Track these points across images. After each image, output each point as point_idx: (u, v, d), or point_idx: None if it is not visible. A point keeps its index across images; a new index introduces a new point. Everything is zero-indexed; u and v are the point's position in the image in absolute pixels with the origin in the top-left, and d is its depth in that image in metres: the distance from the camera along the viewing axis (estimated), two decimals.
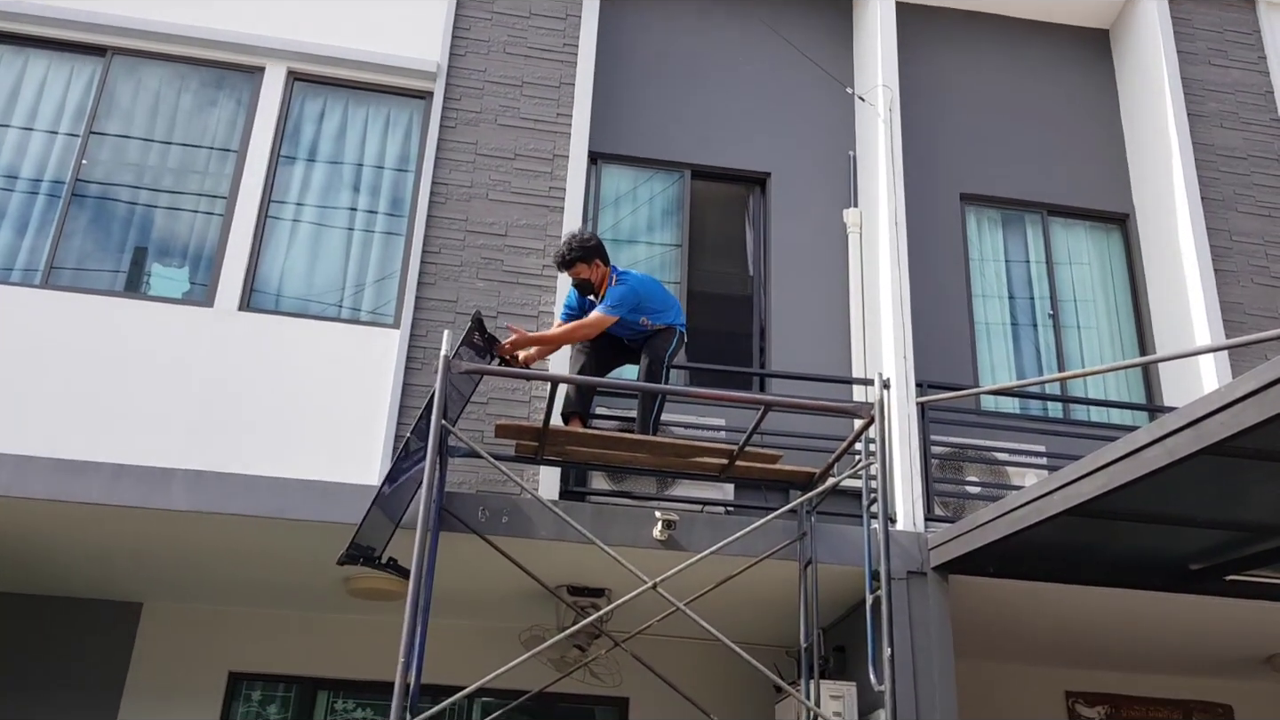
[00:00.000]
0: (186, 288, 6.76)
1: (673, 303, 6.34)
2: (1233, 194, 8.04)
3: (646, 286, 6.23)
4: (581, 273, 6.17)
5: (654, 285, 6.32)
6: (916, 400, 6.62)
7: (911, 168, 7.78)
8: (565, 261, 6.17)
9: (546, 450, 5.85)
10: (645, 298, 6.17)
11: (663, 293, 6.33)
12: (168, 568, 6.26)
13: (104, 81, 7.06)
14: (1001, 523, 5.29)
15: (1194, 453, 4.08)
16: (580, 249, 6.15)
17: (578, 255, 6.15)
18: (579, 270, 6.17)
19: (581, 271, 6.17)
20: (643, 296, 6.15)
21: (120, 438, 5.99)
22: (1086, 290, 8.20)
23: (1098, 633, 6.80)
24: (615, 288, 6.10)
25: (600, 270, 6.21)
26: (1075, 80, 8.74)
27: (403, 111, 7.32)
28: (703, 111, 8.06)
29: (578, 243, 6.18)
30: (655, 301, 6.23)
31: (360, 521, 5.17)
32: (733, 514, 6.50)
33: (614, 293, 6.08)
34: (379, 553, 5.40)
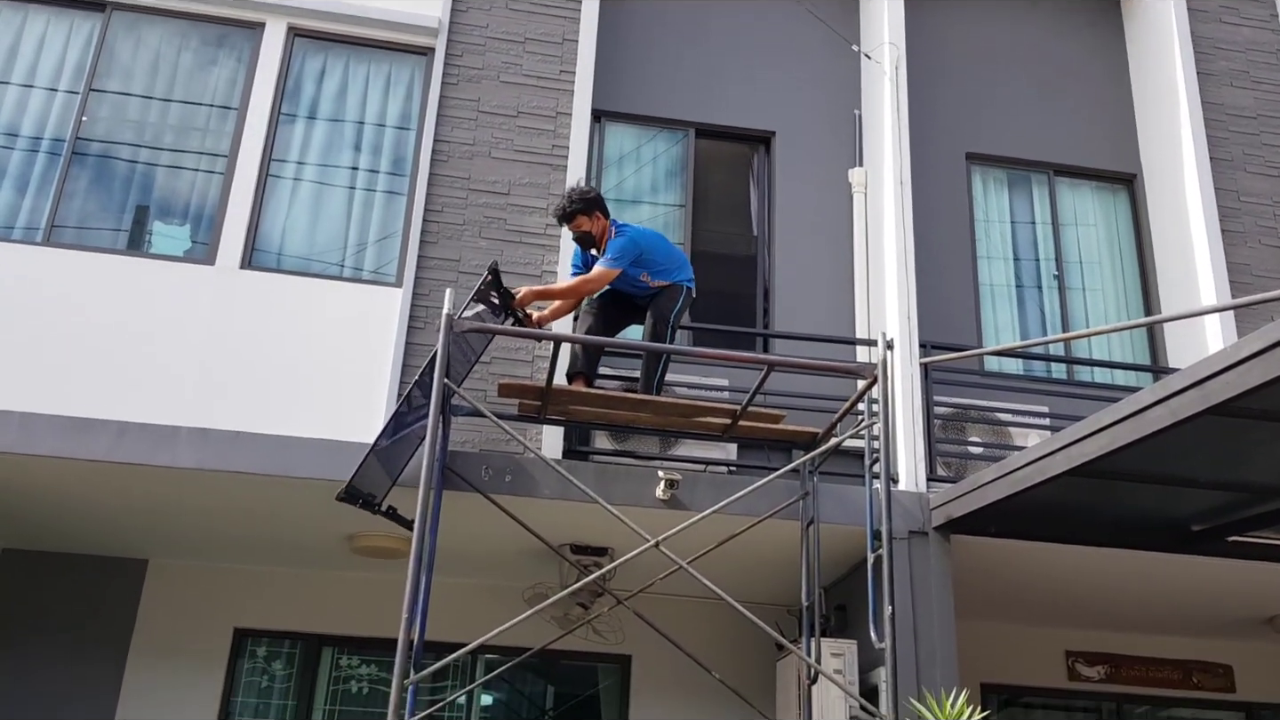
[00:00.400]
0: (188, 246, 6.74)
1: (679, 259, 6.30)
2: (1241, 154, 7.97)
3: (649, 240, 6.19)
4: (582, 225, 6.13)
5: (658, 240, 6.28)
6: (920, 361, 6.61)
7: (917, 127, 7.70)
8: (565, 214, 6.13)
9: (549, 410, 5.85)
10: (647, 250, 6.12)
11: (668, 248, 6.29)
12: (173, 525, 6.29)
13: (103, 38, 7.00)
14: (1003, 483, 5.29)
15: (1198, 413, 4.07)
16: (580, 201, 6.11)
17: (578, 208, 6.11)
18: (579, 223, 6.13)
19: (582, 224, 6.13)
20: (644, 249, 6.11)
21: (124, 395, 5.99)
22: (1092, 251, 8.16)
23: (1099, 593, 6.83)
24: (615, 240, 6.06)
25: (601, 223, 6.17)
26: (1083, 38, 8.63)
27: (404, 68, 7.25)
28: (707, 69, 7.98)
29: (577, 195, 6.14)
30: (659, 255, 6.18)
31: (358, 465, 5.19)
32: (735, 474, 6.51)
33: (614, 245, 6.04)
34: (379, 500, 5.42)
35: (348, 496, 5.23)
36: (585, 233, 6.14)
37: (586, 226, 6.13)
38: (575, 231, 6.17)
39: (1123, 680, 7.52)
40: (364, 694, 6.94)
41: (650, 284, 6.14)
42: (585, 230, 6.14)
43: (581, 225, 6.13)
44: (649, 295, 6.20)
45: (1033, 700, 7.59)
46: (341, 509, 5.83)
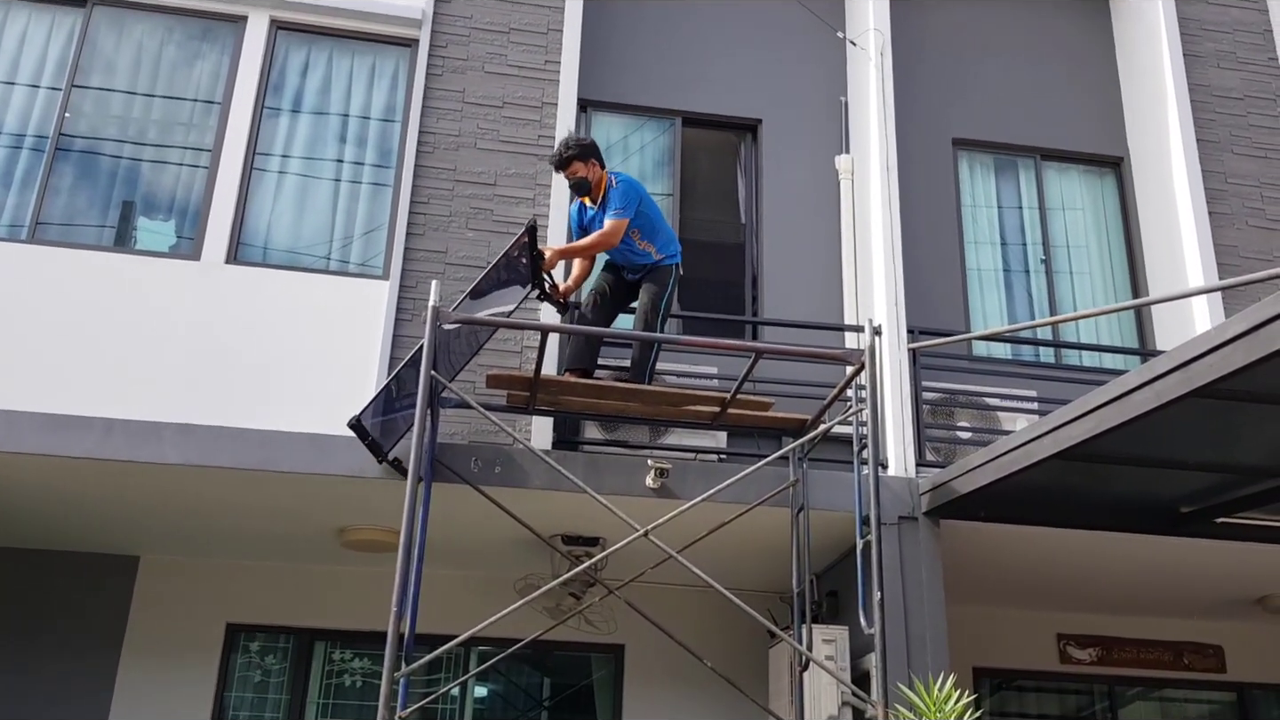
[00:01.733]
0: (173, 241, 6.71)
1: (669, 229, 6.36)
2: (1229, 136, 7.97)
3: (644, 190, 6.24)
4: (578, 171, 6.12)
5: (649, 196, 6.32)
6: (908, 346, 6.61)
7: (903, 113, 7.70)
8: (562, 160, 6.13)
9: (539, 400, 5.84)
10: (645, 199, 6.19)
11: (658, 210, 6.34)
12: (163, 521, 6.28)
13: (85, 33, 6.96)
14: (991, 467, 5.30)
15: (1183, 395, 4.08)
16: (576, 147, 6.13)
17: (574, 153, 6.11)
18: (575, 169, 6.13)
19: (578, 170, 6.12)
20: (643, 196, 6.17)
21: (110, 392, 5.97)
22: (1080, 235, 8.16)
23: (1089, 576, 6.85)
24: (616, 189, 6.08)
25: (596, 171, 6.17)
26: (1069, 22, 8.63)
27: (388, 60, 7.22)
28: (693, 58, 7.96)
29: (574, 141, 6.17)
30: (653, 211, 6.24)
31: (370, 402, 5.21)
32: (725, 461, 6.51)
33: (616, 194, 6.06)
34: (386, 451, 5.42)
35: (358, 428, 5.16)
36: (581, 179, 6.13)
37: (582, 172, 6.12)
38: (571, 178, 6.16)
39: (1114, 662, 7.55)
40: (357, 688, 6.94)
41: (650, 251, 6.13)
42: (581, 176, 6.13)
43: (577, 171, 6.12)
44: (641, 273, 6.21)
45: (1025, 683, 7.62)
46: (329, 503, 5.84)
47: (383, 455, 5.43)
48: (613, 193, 6.07)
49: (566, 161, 6.11)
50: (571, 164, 6.11)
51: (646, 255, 6.19)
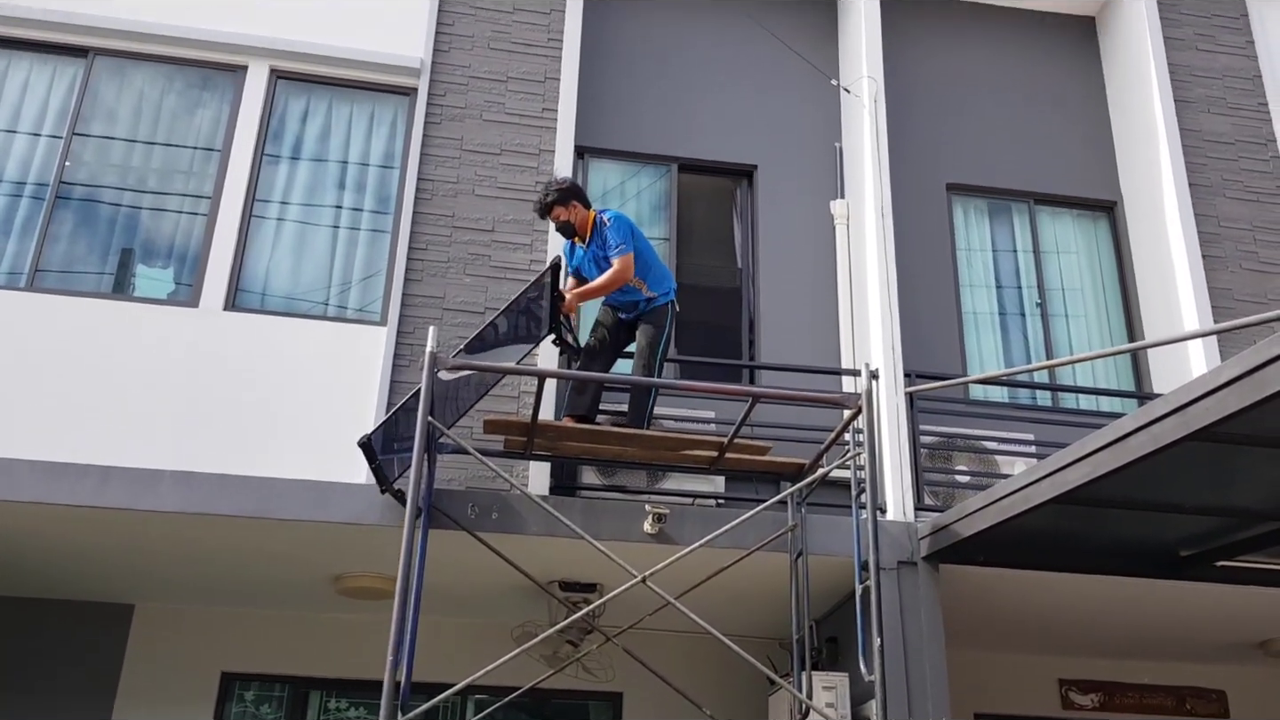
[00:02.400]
0: (171, 288, 6.73)
1: (662, 266, 6.42)
2: (1220, 180, 8.03)
3: (634, 224, 6.32)
4: (561, 215, 6.22)
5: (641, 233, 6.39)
6: (905, 390, 6.62)
7: (897, 159, 7.76)
8: (544, 206, 6.24)
9: (536, 445, 5.83)
10: (637, 235, 6.26)
11: (650, 247, 6.40)
12: (158, 569, 6.25)
13: (86, 83, 7.02)
14: (990, 511, 5.29)
15: (1180, 439, 4.08)
16: (556, 192, 6.22)
17: (554, 198, 6.21)
18: (558, 213, 6.23)
19: (560, 214, 6.22)
20: (636, 233, 6.25)
21: (108, 439, 5.96)
22: (1074, 279, 8.20)
23: (1090, 620, 6.81)
24: (611, 228, 6.15)
25: (580, 213, 6.25)
26: (1061, 68, 8.73)
27: (387, 108, 7.29)
28: (689, 105, 8.05)
29: (554, 186, 6.26)
30: (645, 248, 6.30)
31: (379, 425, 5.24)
32: (724, 506, 6.49)
33: (613, 232, 6.13)
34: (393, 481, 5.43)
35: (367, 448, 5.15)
36: (565, 222, 6.24)
37: (565, 216, 6.22)
38: (556, 222, 6.27)
39: (1116, 708, 7.49)
40: None
41: (641, 289, 6.16)
42: (565, 220, 6.24)
43: (560, 215, 6.23)
44: (635, 312, 6.24)
45: None
46: (325, 550, 5.82)
47: (387, 484, 5.42)
48: (609, 231, 6.13)
49: (548, 208, 6.22)
50: (553, 209, 6.21)
51: (637, 293, 6.23)
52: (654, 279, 6.27)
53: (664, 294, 6.29)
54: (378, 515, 5.54)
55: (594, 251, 6.24)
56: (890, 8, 8.32)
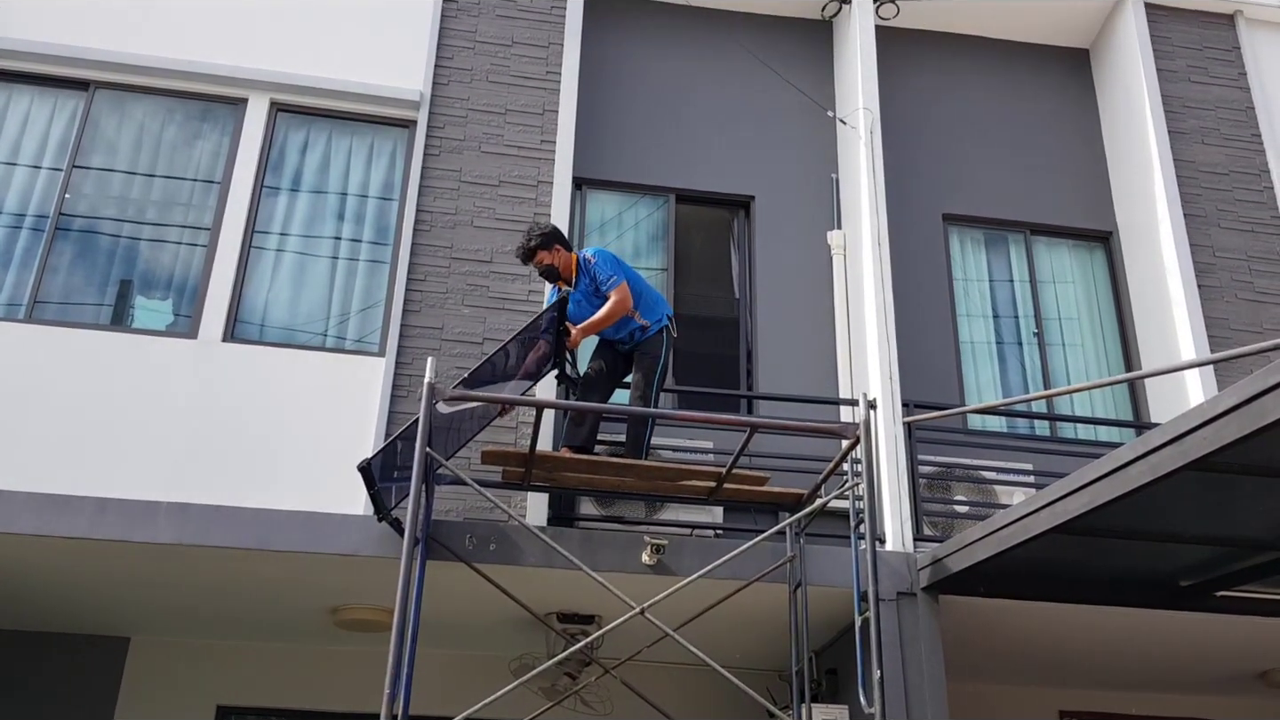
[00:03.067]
0: (170, 320, 6.74)
1: (653, 292, 6.45)
2: (1215, 210, 8.07)
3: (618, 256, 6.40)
4: (544, 259, 6.28)
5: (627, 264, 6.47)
6: (903, 420, 6.62)
7: (894, 189, 7.81)
8: (527, 251, 6.30)
9: (534, 476, 5.83)
10: (626, 265, 6.35)
11: (638, 276, 6.45)
12: (154, 601, 6.22)
13: (87, 115, 7.06)
14: (989, 542, 5.28)
15: (1178, 469, 4.08)
16: (539, 236, 6.29)
17: (537, 243, 6.28)
18: (540, 258, 6.29)
19: (543, 259, 6.28)
20: (623, 263, 6.33)
21: (105, 471, 5.95)
22: (1071, 308, 8.23)
23: (1090, 651, 6.78)
24: (597, 264, 6.21)
25: (563, 256, 6.32)
26: (1056, 100, 8.80)
27: (386, 140, 7.33)
28: (686, 136, 8.10)
29: (536, 231, 6.33)
30: (634, 277, 6.35)
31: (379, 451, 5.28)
32: (722, 537, 6.48)
33: (601, 267, 6.19)
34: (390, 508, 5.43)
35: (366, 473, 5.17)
36: (549, 266, 6.30)
37: (548, 260, 6.29)
38: (539, 267, 6.33)
39: None
40: None
41: (634, 317, 6.18)
42: (549, 264, 6.30)
43: (543, 260, 6.29)
44: (631, 342, 6.25)
45: None
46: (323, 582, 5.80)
47: (384, 511, 5.41)
48: (595, 268, 6.19)
49: (531, 253, 6.29)
50: (536, 254, 6.28)
51: (631, 321, 6.26)
52: (645, 306, 6.30)
53: (657, 320, 6.31)
54: (375, 547, 5.52)
55: (584, 289, 6.28)
56: (886, 40, 8.39)
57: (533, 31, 7.63)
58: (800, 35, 8.58)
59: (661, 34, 8.39)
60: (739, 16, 8.54)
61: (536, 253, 6.27)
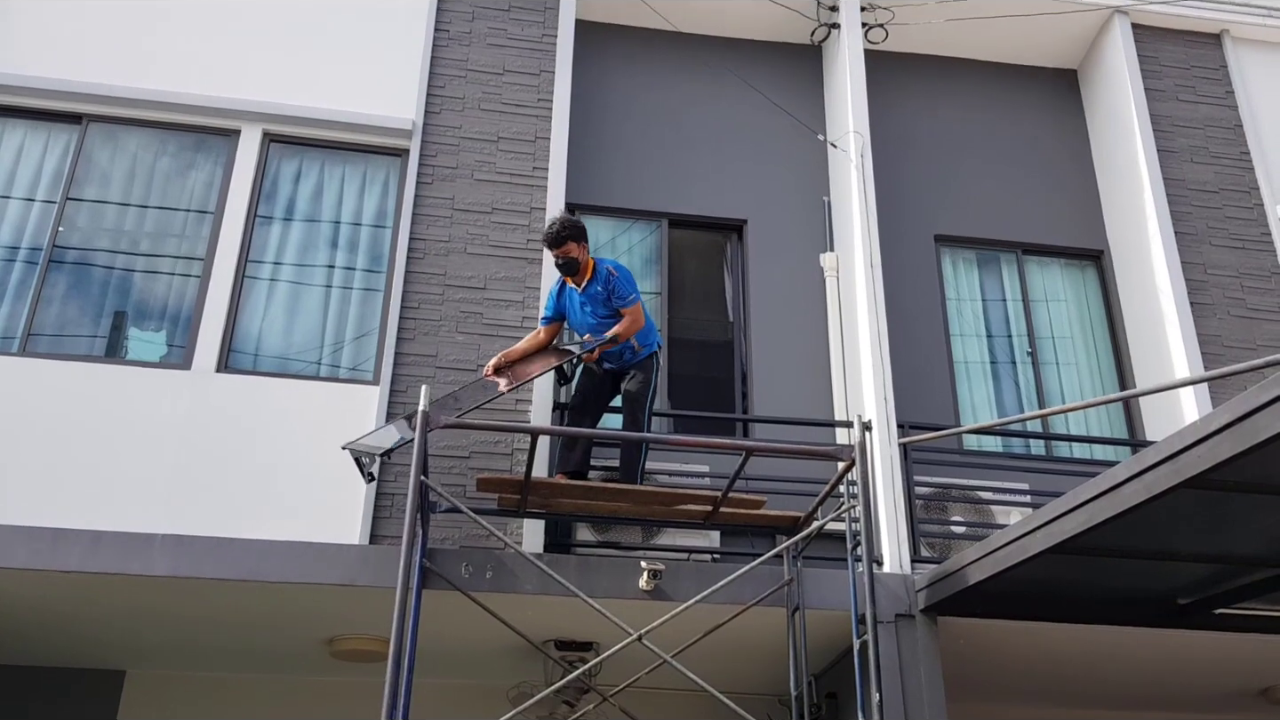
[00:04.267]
0: (164, 351, 6.73)
1: (649, 318, 6.45)
2: (1206, 228, 8.11)
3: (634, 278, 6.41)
4: (571, 251, 6.20)
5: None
6: (898, 441, 6.62)
7: (885, 211, 7.84)
8: (558, 238, 6.18)
9: (529, 502, 5.82)
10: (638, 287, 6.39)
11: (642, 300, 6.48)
12: (150, 634, 6.19)
13: (80, 148, 7.08)
14: (986, 562, 5.28)
15: (1173, 487, 4.08)
16: (572, 227, 6.22)
17: (569, 233, 6.19)
18: (569, 248, 6.19)
19: (571, 250, 6.20)
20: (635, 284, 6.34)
21: (99, 504, 5.93)
22: (1064, 327, 8.25)
23: (1090, 671, 6.75)
24: (620, 278, 6.20)
25: (584, 254, 6.28)
26: (1045, 120, 8.85)
27: (379, 169, 7.35)
28: (678, 161, 8.13)
29: (570, 220, 6.26)
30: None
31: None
32: (719, 561, 6.46)
33: (623, 283, 6.19)
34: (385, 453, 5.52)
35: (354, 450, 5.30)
36: (573, 259, 6.21)
37: (575, 253, 6.22)
38: (563, 257, 6.21)
39: None
40: None
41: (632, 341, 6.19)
42: (573, 257, 6.21)
43: (569, 251, 6.20)
44: (618, 363, 6.25)
45: None
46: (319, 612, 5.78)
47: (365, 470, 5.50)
48: (618, 282, 6.19)
49: (561, 241, 6.18)
50: (565, 243, 6.18)
51: (627, 343, 6.25)
52: (643, 330, 6.31)
53: (648, 346, 6.32)
54: (371, 576, 5.51)
55: (593, 294, 6.26)
56: (875, 63, 8.44)
57: (524, 59, 7.67)
58: (790, 60, 8.63)
59: (652, 60, 8.44)
60: (729, 42, 8.60)
61: (566, 242, 6.18)
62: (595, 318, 6.26)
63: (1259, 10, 8.91)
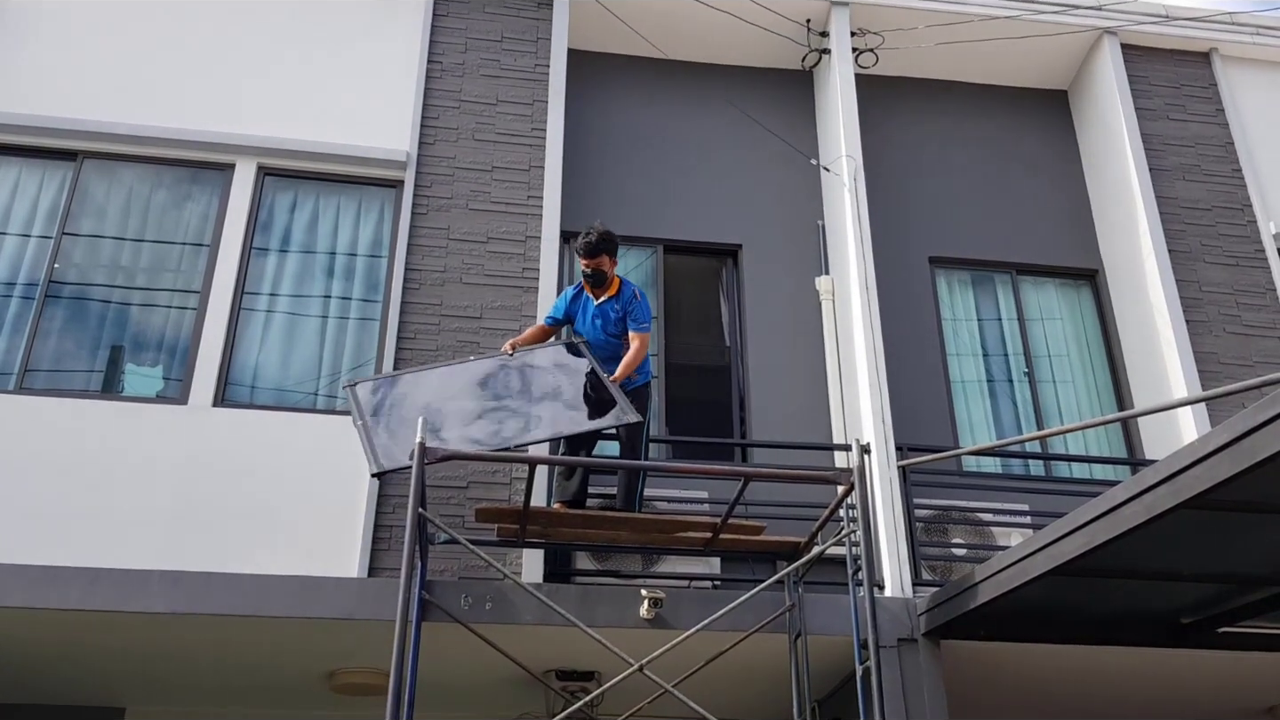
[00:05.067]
0: (160, 386, 6.72)
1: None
2: (1199, 245, 8.13)
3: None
4: (603, 264, 6.25)
5: None
6: (897, 464, 6.61)
7: (879, 234, 7.85)
8: (595, 250, 6.19)
9: (529, 532, 5.80)
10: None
11: None
12: (149, 670, 6.15)
13: (75, 184, 7.09)
14: (988, 585, 5.25)
15: (1173, 507, 4.07)
16: (609, 240, 6.25)
17: (605, 246, 6.23)
18: (601, 261, 6.23)
19: (603, 263, 6.25)
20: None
21: (96, 541, 5.90)
22: (1060, 346, 8.26)
23: (1095, 692, 6.72)
24: (641, 303, 6.25)
25: (613, 270, 6.32)
26: (1037, 141, 8.89)
27: (374, 200, 7.37)
28: (672, 187, 8.16)
29: (608, 234, 6.26)
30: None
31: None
32: (720, 588, 6.43)
33: (642, 310, 6.24)
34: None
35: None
36: (602, 272, 6.25)
37: (605, 266, 6.26)
38: (595, 269, 6.23)
39: None
40: None
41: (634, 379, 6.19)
42: (604, 270, 6.24)
43: (602, 264, 6.25)
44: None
45: None
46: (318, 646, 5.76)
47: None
48: (639, 306, 6.24)
49: (597, 252, 6.21)
50: (599, 255, 6.22)
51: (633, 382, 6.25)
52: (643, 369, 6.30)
53: (643, 375, 6.31)
54: (370, 610, 5.48)
55: (607, 310, 6.29)
56: (866, 87, 8.48)
57: (517, 90, 7.70)
58: (782, 85, 8.67)
59: (645, 88, 8.48)
60: (721, 69, 8.65)
61: (600, 254, 6.21)
62: (603, 333, 6.30)
63: (1247, 29, 8.97)
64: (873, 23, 8.49)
